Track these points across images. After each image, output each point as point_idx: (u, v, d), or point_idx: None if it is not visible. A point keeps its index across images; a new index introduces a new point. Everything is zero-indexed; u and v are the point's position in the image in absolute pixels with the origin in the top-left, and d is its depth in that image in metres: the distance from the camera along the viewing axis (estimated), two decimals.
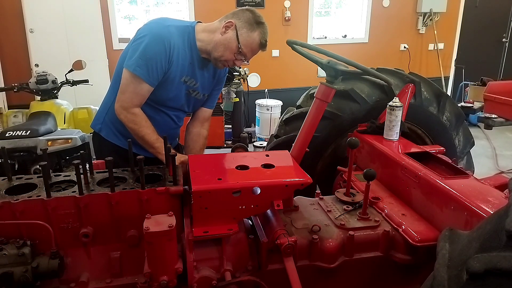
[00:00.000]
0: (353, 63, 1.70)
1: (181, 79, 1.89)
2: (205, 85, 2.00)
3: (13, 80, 4.33)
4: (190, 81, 1.93)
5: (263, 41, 1.81)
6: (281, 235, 1.40)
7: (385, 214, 1.65)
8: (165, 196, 1.42)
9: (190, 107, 2.06)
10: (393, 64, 5.65)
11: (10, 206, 1.30)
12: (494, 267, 0.74)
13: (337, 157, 2.31)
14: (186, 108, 2.04)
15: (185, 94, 1.96)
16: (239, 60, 1.87)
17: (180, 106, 2.00)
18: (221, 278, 1.38)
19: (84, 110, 3.87)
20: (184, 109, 2.04)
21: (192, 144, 2.12)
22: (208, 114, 2.15)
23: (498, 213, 0.89)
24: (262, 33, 1.81)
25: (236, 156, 1.71)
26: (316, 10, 6.33)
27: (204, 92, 2.03)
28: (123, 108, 1.82)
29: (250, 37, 1.79)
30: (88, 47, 4.76)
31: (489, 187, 1.53)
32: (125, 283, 1.42)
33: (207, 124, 2.16)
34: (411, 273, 1.59)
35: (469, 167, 2.50)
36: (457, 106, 2.49)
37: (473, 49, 7.08)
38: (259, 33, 1.80)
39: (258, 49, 1.85)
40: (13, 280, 1.24)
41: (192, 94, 1.99)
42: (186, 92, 1.96)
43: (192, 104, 2.05)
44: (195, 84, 1.95)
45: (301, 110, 2.35)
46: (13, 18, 4.88)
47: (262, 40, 1.81)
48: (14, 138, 2.96)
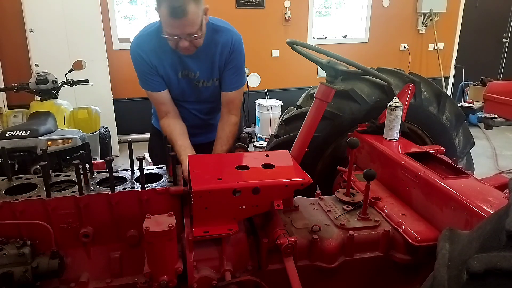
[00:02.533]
0: (353, 63, 1.70)
1: (179, 75, 1.92)
2: (206, 71, 1.93)
3: (13, 80, 4.33)
4: (189, 74, 1.93)
5: (170, 9, 1.60)
6: (281, 235, 1.40)
7: (385, 214, 1.65)
8: (165, 196, 1.42)
9: (206, 97, 2.02)
10: (393, 64, 5.66)
11: (10, 206, 1.30)
12: (494, 267, 0.74)
13: (337, 157, 2.31)
14: (203, 98, 2.02)
15: (192, 86, 1.97)
16: (176, 42, 1.71)
17: (194, 99, 2.02)
18: (221, 278, 1.38)
19: (84, 110, 3.87)
20: (201, 100, 2.03)
21: (219, 133, 2.00)
22: (228, 97, 1.98)
23: (498, 213, 0.89)
24: (166, 2, 1.61)
25: (236, 156, 1.71)
26: (316, 10, 6.33)
27: (212, 77, 1.95)
28: (158, 118, 2.04)
29: (161, 15, 1.67)
30: (88, 47, 4.76)
31: (489, 187, 1.53)
32: (125, 283, 1.42)
33: (233, 109, 2.00)
34: (411, 273, 1.59)
35: (469, 167, 2.50)
36: (457, 106, 2.49)
37: (473, 49, 7.08)
38: (164, 5, 1.62)
39: (171, 20, 1.64)
40: (13, 280, 1.24)
41: (199, 84, 1.97)
42: (192, 85, 1.96)
43: (208, 93, 2.01)
44: (195, 75, 1.93)
45: (301, 110, 2.35)
46: (13, 18, 4.88)
47: (169, 9, 1.61)
48: (14, 138, 2.95)
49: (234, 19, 5.74)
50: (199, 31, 1.69)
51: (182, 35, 1.68)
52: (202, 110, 2.10)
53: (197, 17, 1.66)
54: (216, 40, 1.87)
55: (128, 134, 5.56)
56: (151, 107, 2.18)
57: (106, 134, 4.39)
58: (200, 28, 1.70)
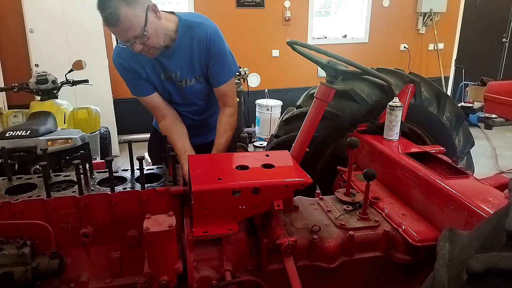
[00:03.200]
0: (353, 63, 1.70)
1: (161, 77, 1.90)
2: (187, 69, 1.88)
3: (13, 80, 4.33)
4: (171, 75, 1.89)
5: (104, 19, 1.57)
6: (281, 235, 1.40)
7: (385, 214, 1.65)
8: (165, 196, 1.42)
9: (193, 97, 1.98)
10: (393, 64, 5.65)
11: (10, 206, 1.30)
12: (494, 267, 0.74)
13: (337, 157, 2.31)
14: (189, 99, 1.98)
15: (176, 88, 1.93)
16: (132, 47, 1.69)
17: (181, 100, 1.98)
18: (221, 278, 1.38)
19: (84, 110, 3.87)
20: (189, 102, 1.99)
21: (217, 127, 1.96)
22: (220, 92, 1.93)
23: (498, 213, 0.89)
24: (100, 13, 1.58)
25: (236, 156, 1.71)
26: (316, 10, 6.33)
27: (193, 74, 1.91)
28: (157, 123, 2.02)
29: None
30: (88, 47, 4.75)
31: (489, 187, 1.53)
32: (125, 283, 1.42)
33: (228, 101, 1.95)
34: (411, 273, 1.59)
35: (469, 167, 2.50)
36: (457, 106, 2.49)
37: (473, 49, 7.07)
38: (101, 16, 1.59)
39: (110, 29, 1.63)
40: (13, 280, 1.24)
41: (182, 84, 1.92)
42: (176, 86, 1.93)
43: (194, 93, 1.97)
44: (176, 75, 1.89)
45: (301, 110, 2.35)
46: (13, 18, 4.88)
47: (104, 19, 1.58)
48: (14, 138, 2.95)
49: (234, 19, 5.79)
50: (144, 32, 1.61)
51: (129, 40, 1.63)
52: (193, 111, 2.05)
53: (134, 19, 1.58)
54: (191, 36, 1.81)
55: (128, 134, 5.56)
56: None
57: (106, 134, 4.39)
58: (145, 28, 1.61)
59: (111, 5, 1.53)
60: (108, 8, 1.53)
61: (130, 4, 1.56)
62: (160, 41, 1.72)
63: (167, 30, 1.77)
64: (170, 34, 1.79)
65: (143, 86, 1.90)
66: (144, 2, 1.61)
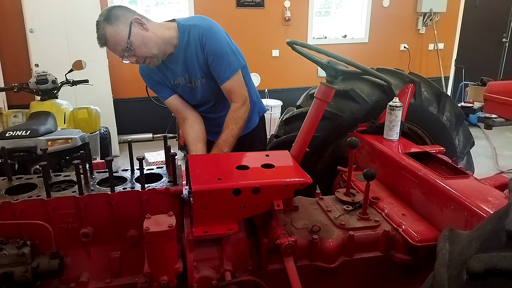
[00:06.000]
0: (353, 63, 1.70)
1: (174, 82, 2.02)
2: (194, 71, 1.97)
3: (13, 80, 4.33)
4: (181, 80, 2.00)
5: (97, 41, 1.80)
6: (281, 235, 1.40)
7: (385, 214, 1.65)
8: (165, 196, 1.42)
9: (204, 95, 2.06)
10: (393, 64, 5.66)
11: (10, 206, 1.30)
12: (494, 267, 0.74)
13: (337, 157, 2.31)
14: (203, 100, 2.08)
15: (189, 90, 2.03)
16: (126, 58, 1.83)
17: (195, 102, 2.09)
18: (221, 278, 1.38)
19: (84, 110, 3.87)
20: (203, 102, 2.09)
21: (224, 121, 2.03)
22: (226, 89, 1.98)
23: (498, 213, 0.89)
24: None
25: (236, 156, 1.71)
26: (316, 10, 6.33)
27: (200, 75, 1.98)
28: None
29: None
30: (88, 47, 4.73)
31: (489, 187, 1.53)
32: (125, 283, 1.42)
33: (235, 97, 1.98)
34: (411, 273, 1.59)
35: (469, 167, 2.50)
36: (457, 106, 2.49)
37: (473, 49, 7.08)
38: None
39: (106, 48, 1.85)
40: (13, 280, 1.24)
41: (194, 85, 2.02)
42: (188, 88, 2.03)
43: (204, 91, 2.04)
44: (185, 79, 2.00)
45: (301, 110, 2.35)
46: (13, 18, 4.88)
47: (97, 42, 1.80)
48: (14, 138, 2.95)
49: (234, 19, 5.79)
50: (128, 44, 1.75)
51: (120, 54, 1.80)
52: (208, 110, 2.13)
53: (117, 35, 1.75)
54: (189, 39, 1.91)
55: (128, 134, 5.56)
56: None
57: (106, 134, 4.39)
58: (127, 41, 1.75)
59: (99, 28, 1.76)
60: (97, 31, 1.76)
61: (112, 22, 1.75)
62: (151, 50, 1.83)
63: (166, 38, 1.88)
64: (171, 41, 1.90)
65: (162, 90, 2.07)
66: (127, 18, 1.77)
